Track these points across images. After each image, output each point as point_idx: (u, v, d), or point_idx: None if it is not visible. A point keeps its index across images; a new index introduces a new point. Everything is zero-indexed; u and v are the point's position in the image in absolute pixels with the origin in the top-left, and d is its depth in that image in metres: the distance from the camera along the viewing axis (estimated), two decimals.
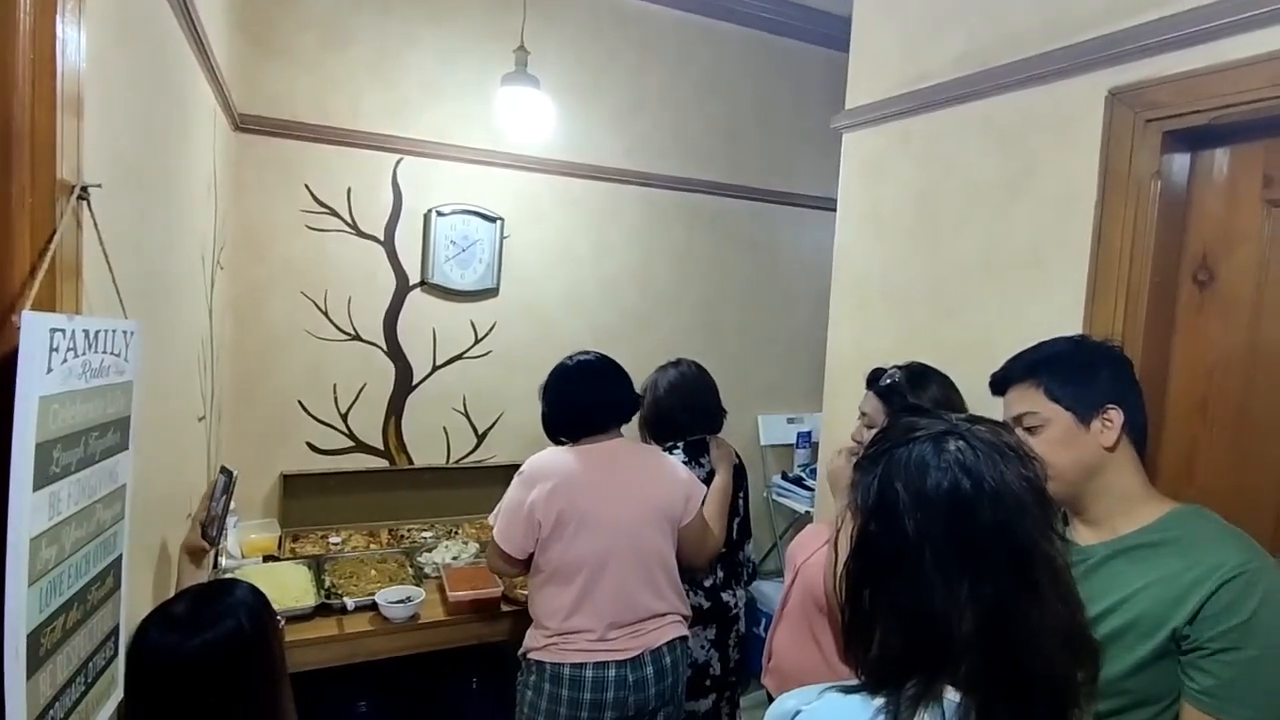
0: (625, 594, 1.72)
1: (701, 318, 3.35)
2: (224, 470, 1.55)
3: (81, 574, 0.77)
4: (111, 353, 0.81)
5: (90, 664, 0.82)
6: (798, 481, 3.29)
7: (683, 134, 3.21)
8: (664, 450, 2.11)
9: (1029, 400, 1.18)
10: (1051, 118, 1.51)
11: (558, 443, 1.85)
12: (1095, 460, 1.13)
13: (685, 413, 2.17)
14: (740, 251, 3.40)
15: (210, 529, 1.52)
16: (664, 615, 1.79)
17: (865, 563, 0.83)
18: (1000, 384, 1.26)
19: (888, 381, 1.53)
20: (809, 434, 3.54)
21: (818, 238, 3.55)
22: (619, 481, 1.76)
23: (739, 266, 3.41)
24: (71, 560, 0.75)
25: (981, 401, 1.50)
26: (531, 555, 1.78)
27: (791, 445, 3.53)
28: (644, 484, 1.79)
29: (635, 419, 2.02)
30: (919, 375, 1.54)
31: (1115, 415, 1.12)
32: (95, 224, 0.86)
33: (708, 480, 2.11)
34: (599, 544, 1.71)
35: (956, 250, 1.72)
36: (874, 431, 1.55)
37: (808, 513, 3.10)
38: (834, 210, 3.57)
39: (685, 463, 2.07)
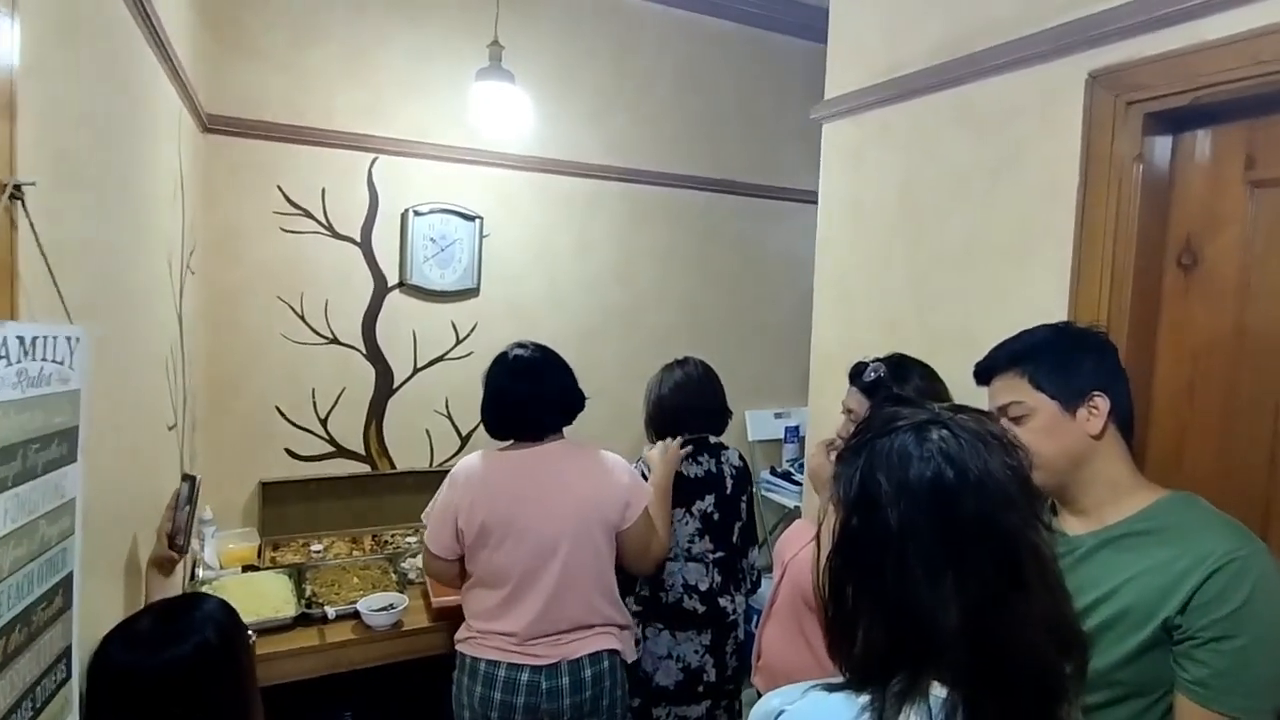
0: (552, 606, 1.68)
1: (686, 314, 3.32)
2: (186, 477, 1.51)
3: (24, 594, 0.73)
4: (53, 360, 0.77)
5: (38, 688, 0.78)
6: (786, 476, 3.26)
7: (663, 129, 3.17)
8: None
9: (1014, 390, 1.16)
10: (1032, 103, 1.49)
11: (495, 437, 1.80)
12: (1082, 449, 1.11)
13: (687, 413, 2.13)
14: (724, 246, 3.37)
15: (177, 538, 1.47)
16: (591, 627, 1.74)
17: (847, 557, 0.81)
18: (984, 374, 1.24)
19: (872, 376, 1.50)
20: (796, 428, 3.52)
21: (802, 231, 3.51)
22: (551, 490, 1.70)
23: (723, 261, 3.38)
24: (11, 580, 0.71)
25: (967, 392, 1.47)
26: (463, 556, 1.75)
27: (779, 440, 3.50)
28: (579, 492, 1.72)
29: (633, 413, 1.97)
30: (900, 367, 1.51)
31: (1101, 403, 1.10)
32: (31, 224, 0.81)
33: (707, 479, 2.08)
34: (525, 556, 1.67)
35: (938, 239, 1.70)
36: None
37: (797, 508, 3.08)
38: (817, 204, 3.57)
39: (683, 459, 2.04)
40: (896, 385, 1.48)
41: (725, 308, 3.41)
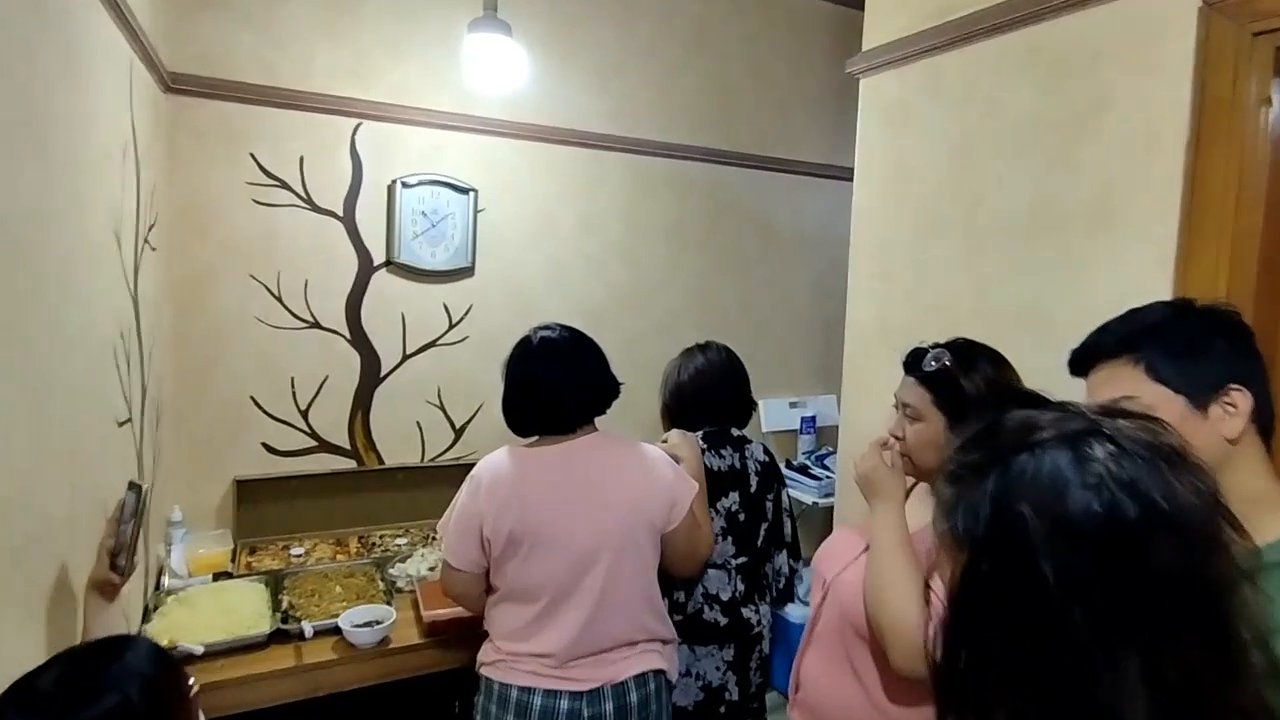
0: (593, 623, 1.48)
1: (696, 295, 3.10)
2: (132, 486, 1.28)
3: None
4: None
5: None
6: (803, 470, 3.05)
7: (671, 96, 2.93)
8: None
9: (1126, 381, 0.94)
10: (1123, 40, 1.27)
11: (518, 433, 1.59)
12: (1217, 455, 0.89)
13: (710, 402, 1.92)
14: (736, 223, 3.15)
15: (120, 558, 1.25)
16: (635, 644, 1.55)
17: (976, 616, 0.59)
18: (1084, 361, 1.02)
19: (933, 366, 1.28)
20: (813, 419, 3.32)
21: (819, 208, 3.32)
22: (589, 491, 1.50)
23: (735, 239, 3.15)
24: None
25: (1037, 382, 1.27)
26: (488, 571, 1.55)
27: (795, 431, 3.30)
28: (619, 493, 1.52)
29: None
30: (966, 353, 1.30)
31: (1240, 398, 0.88)
32: None
33: (731, 474, 1.87)
34: (561, 567, 1.47)
35: (1001, 205, 1.47)
36: (920, 426, 1.31)
37: (814, 504, 2.88)
38: (836, 178, 3.34)
39: (702, 452, 1.83)
40: (962, 375, 1.27)
41: (737, 289, 3.19)
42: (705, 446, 1.85)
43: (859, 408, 1.83)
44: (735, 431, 1.96)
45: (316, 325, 2.42)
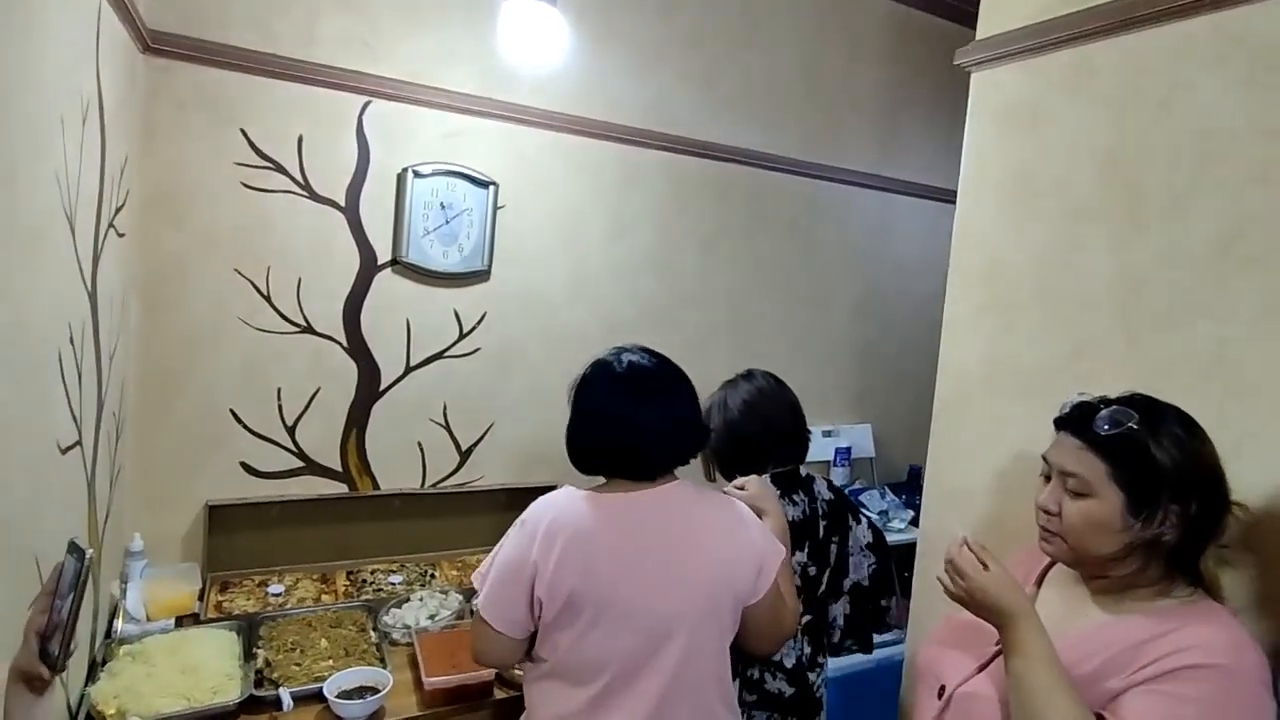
0: (661, 713, 1.21)
1: (731, 312, 2.82)
2: (73, 548, 0.97)
3: None
4: None
5: None
6: None
7: (715, 90, 2.65)
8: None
9: None
10: None
11: (585, 472, 1.32)
12: None
13: (768, 438, 1.65)
14: (776, 234, 2.87)
15: (52, 643, 0.94)
16: None
17: None
18: None
19: (1109, 429, 1.00)
20: (848, 450, 3.05)
21: (865, 221, 3.06)
22: (669, 551, 1.24)
23: (774, 252, 2.88)
24: None
25: (1225, 451, 1.01)
26: (534, 635, 1.27)
27: (828, 463, 3.03)
28: (706, 554, 1.26)
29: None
30: (1149, 412, 1.02)
31: None
32: None
33: (804, 523, 1.61)
34: (630, 642, 1.20)
35: (1173, 232, 1.20)
36: (1089, 504, 1.03)
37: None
38: (886, 190, 3.07)
39: None
40: (1153, 442, 0.99)
41: (773, 307, 2.92)
42: (777, 493, 1.58)
43: (951, 467, 1.56)
44: (803, 471, 1.70)
45: (309, 330, 2.11)
